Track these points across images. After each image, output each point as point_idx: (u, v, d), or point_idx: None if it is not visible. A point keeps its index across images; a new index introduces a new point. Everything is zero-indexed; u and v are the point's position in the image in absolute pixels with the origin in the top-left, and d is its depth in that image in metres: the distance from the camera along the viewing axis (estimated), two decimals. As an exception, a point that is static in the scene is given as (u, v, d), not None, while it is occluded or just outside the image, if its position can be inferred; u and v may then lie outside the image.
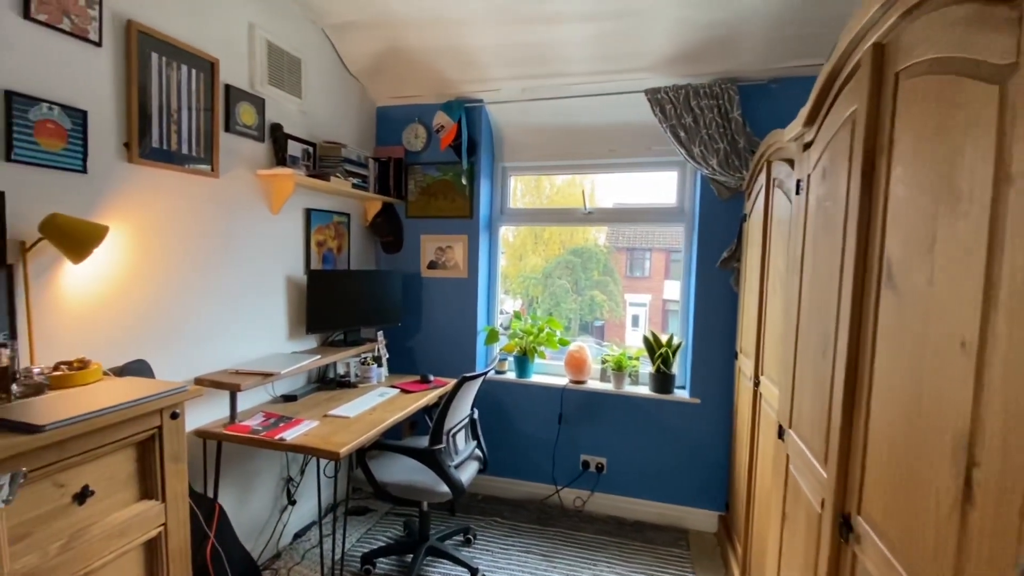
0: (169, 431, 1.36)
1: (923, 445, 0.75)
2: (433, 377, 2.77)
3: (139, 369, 1.69)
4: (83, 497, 1.17)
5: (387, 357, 2.81)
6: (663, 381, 2.73)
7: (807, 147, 1.39)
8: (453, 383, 2.13)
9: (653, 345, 2.75)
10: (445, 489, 2.06)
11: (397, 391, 2.53)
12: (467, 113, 2.86)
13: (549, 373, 3.09)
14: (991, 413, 0.60)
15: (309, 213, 2.56)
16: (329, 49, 2.67)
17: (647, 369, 2.83)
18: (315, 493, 2.68)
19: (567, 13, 2.24)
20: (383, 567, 2.31)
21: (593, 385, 2.88)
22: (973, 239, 0.65)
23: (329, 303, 2.53)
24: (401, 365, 3.07)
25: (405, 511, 2.80)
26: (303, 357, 2.27)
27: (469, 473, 2.24)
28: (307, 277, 2.47)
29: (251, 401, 2.24)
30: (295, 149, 2.38)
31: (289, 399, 2.33)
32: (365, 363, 2.67)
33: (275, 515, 2.42)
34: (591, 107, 2.74)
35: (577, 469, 2.90)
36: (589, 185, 3.10)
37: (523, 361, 2.96)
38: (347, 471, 2.79)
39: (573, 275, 3.99)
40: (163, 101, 1.77)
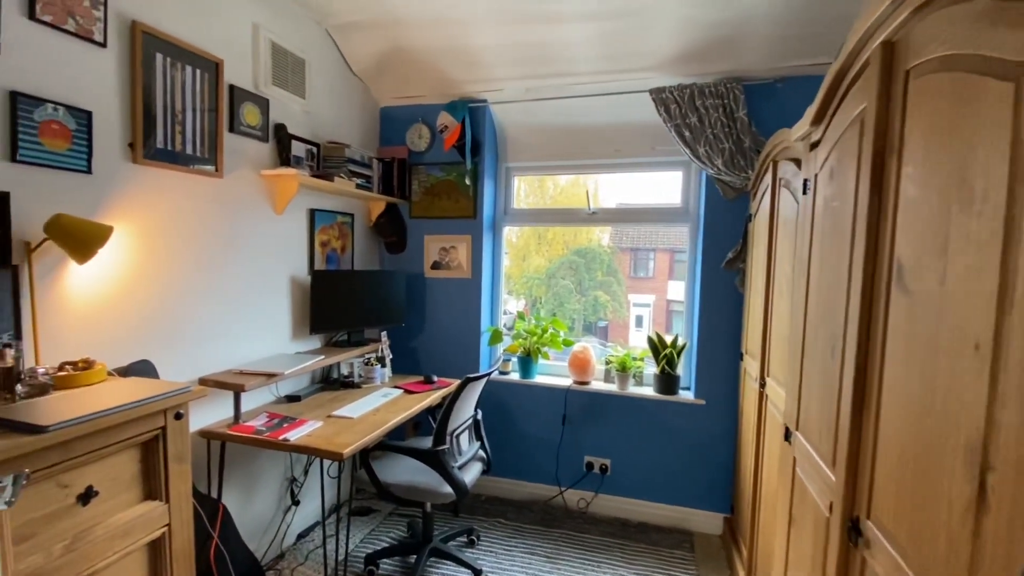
0: (173, 431, 1.36)
1: (935, 448, 0.74)
2: (437, 378, 2.76)
3: (143, 369, 1.69)
4: (87, 498, 1.17)
5: (391, 357, 2.80)
6: (667, 382, 2.72)
7: (814, 146, 1.38)
8: (457, 384, 2.13)
9: (657, 346, 2.74)
10: (449, 490, 2.06)
11: (401, 392, 2.52)
12: (471, 113, 2.85)
13: (553, 374, 3.07)
14: (1006, 416, 0.59)
15: (313, 213, 2.56)
16: (333, 49, 2.67)
17: (651, 370, 2.81)
18: (319, 493, 2.68)
19: (570, 12, 2.23)
20: (386, 568, 2.31)
21: (597, 386, 2.87)
22: (987, 239, 0.64)
23: (333, 303, 2.53)
24: (405, 366, 3.07)
25: (409, 512, 2.79)
26: (307, 357, 2.27)
27: (473, 474, 2.24)
28: (311, 277, 2.47)
29: (255, 401, 2.24)
30: (299, 149, 2.38)
31: (293, 399, 2.33)
32: (369, 363, 2.67)
33: (279, 515, 2.43)
34: (595, 107, 2.73)
35: (581, 470, 2.89)
36: (593, 185, 3.09)
37: (527, 362, 2.95)
38: (351, 472, 2.79)
39: (577, 275, 3.97)
40: (167, 101, 1.78)
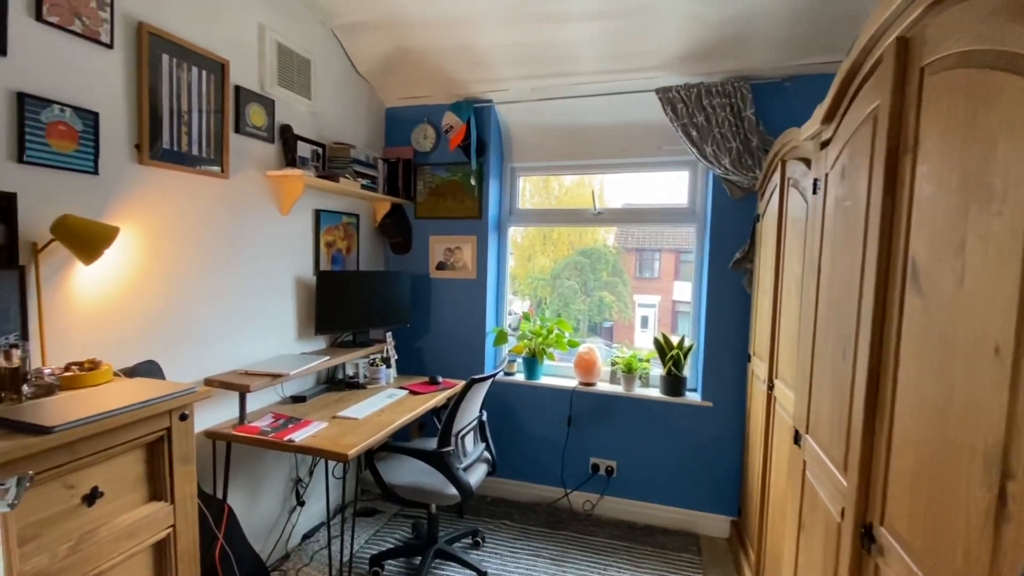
0: (178, 432, 1.36)
1: (952, 455, 0.72)
2: (442, 378, 2.75)
3: (149, 370, 1.69)
4: (92, 498, 1.17)
5: (396, 358, 2.80)
6: (674, 384, 2.70)
7: (824, 145, 1.36)
8: (462, 385, 2.12)
9: (664, 347, 2.72)
10: (453, 491, 2.05)
11: (406, 392, 2.52)
12: (476, 113, 2.85)
13: (558, 375, 3.06)
14: (1029, 423, 0.57)
15: (318, 214, 2.56)
16: (338, 50, 2.67)
17: (657, 371, 2.79)
18: (324, 494, 2.67)
19: (576, 12, 2.22)
20: (391, 569, 2.30)
21: (603, 387, 2.85)
22: (1008, 239, 0.62)
23: (338, 304, 2.53)
24: (410, 366, 3.07)
25: (413, 513, 2.79)
26: (312, 358, 2.27)
27: (478, 475, 2.23)
28: (316, 278, 2.46)
29: (260, 402, 2.24)
30: (304, 150, 2.38)
31: (298, 400, 2.33)
32: (374, 364, 2.67)
33: (284, 516, 2.42)
34: (601, 106, 2.72)
35: (587, 472, 2.88)
36: (598, 185, 3.08)
37: (532, 363, 2.94)
38: (356, 472, 2.79)
39: (582, 276, 3.95)
40: (174, 102, 1.78)
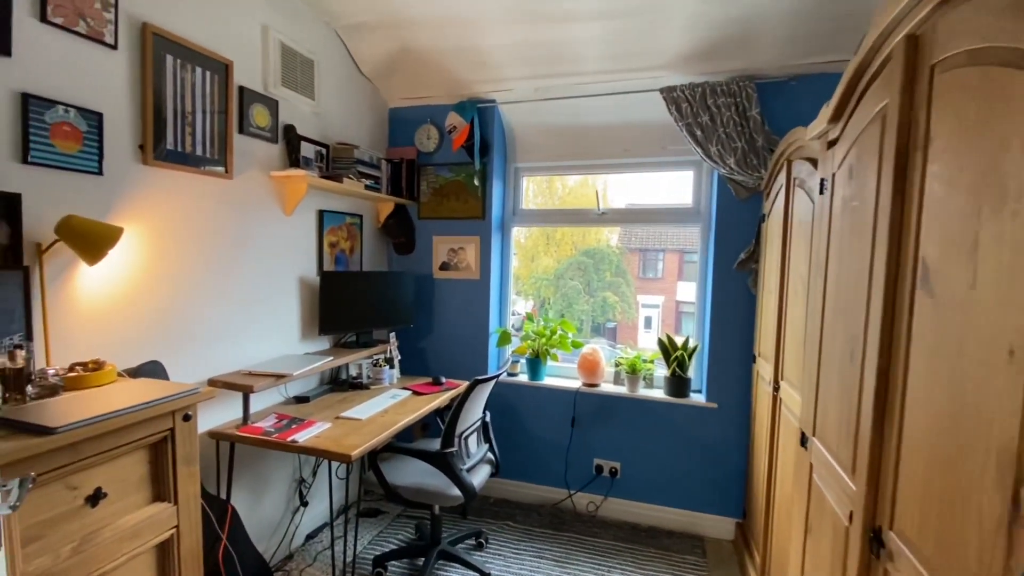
0: (182, 433, 1.36)
1: (964, 459, 0.71)
2: (445, 379, 2.75)
3: (153, 370, 1.69)
4: (96, 499, 1.17)
5: (399, 359, 2.79)
6: (678, 385, 2.68)
7: (831, 145, 1.35)
8: (465, 385, 2.11)
9: (668, 348, 2.71)
10: (457, 492, 2.04)
11: (409, 393, 2.51)
12: (479, 113, 2.84)
13: (562, 376, 3.05)
14: (1044, 427, 0.56)
15: (322, 214, 2.56)
16: (342, 50, 2.67)
17: (662, 372, 2.78)
18: (327, 495, 2.67)
19: (580, 11, 2.21)
20: (395, 570, 2.30)
21: (607, 388, 2.84)
22: (1022, 240, 0.61)
23: (341, 304, 2.53)
24: (413, 367, 3.06)
25: (417, 514, 2.78)
26: (315, 358, 2.27)
27: (481, 476, 2.22)
28: (320, 278, 2.46)
29: (264, 402, 2.24)
30: (308, 150, 2.38)
31: (302, 400, 2.32)
32: (377, 365, 2.66)
33: (287, 516, 2.42)
34: (605, 106, 2.71)
35: (590, 473, 2.86)
36: (602, 185, 3.06)
37: (535, 363, 2.93)
38: (359, 473, 2.78)
39: (585, 276, 3.94)
40: (178, 103, 1.78)
